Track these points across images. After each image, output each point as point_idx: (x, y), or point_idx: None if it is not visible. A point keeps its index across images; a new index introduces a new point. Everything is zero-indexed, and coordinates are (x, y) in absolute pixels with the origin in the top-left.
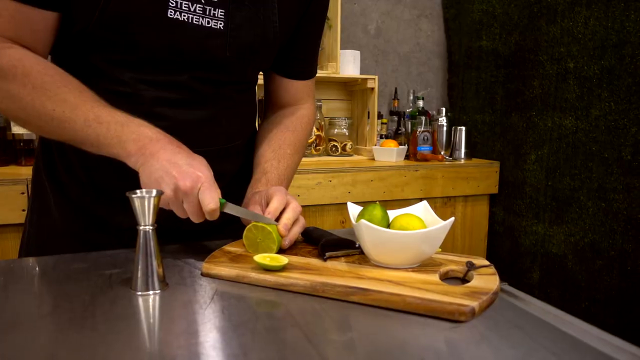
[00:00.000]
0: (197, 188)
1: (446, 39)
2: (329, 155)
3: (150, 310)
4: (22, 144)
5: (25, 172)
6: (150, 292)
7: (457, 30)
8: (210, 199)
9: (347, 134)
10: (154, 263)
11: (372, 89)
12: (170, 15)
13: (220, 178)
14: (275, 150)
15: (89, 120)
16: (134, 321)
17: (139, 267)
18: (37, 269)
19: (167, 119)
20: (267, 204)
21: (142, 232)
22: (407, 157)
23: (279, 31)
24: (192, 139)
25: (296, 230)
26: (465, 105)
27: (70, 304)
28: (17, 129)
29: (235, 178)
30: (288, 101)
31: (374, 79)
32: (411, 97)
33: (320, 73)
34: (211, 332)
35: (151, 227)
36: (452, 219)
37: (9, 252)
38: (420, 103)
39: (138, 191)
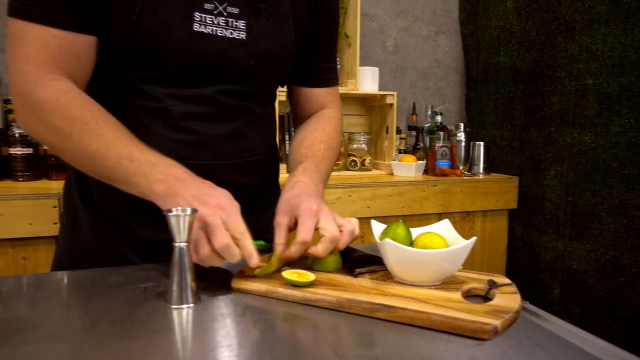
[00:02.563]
0: (218, 214)
1: (464, 54)
2: (348, 169)
3: (186, 323)
4: (53, 159)
5: (56, 186)
6: (185, 306)
7: (474, 46)
8: (237, 220)
9: (366, 148)
10: (188, 278)
11: (391, 104)
12: (196, 28)
13: (244, 190)
14: (309, 146)
15: (121, 158)
16: (172, 334)
17: (174, 281)
18: (75, 282)
19: (195, 132)
20: (295, 220)
21: (177, 248)
22: (425, 172)
23: (294, 40)
24: (218, 151)
25: (345, 240)
26: (483, 120)
27: (110, 317)
28: None
29: (258, 191)
30: (313, 110)
31: (393, 95)
32: (429, 112)
33: (339, 89)
34: (245, 346)
35: (186, 244)
36: (474, 238)
37: (43, 263)
38: (439, 118)
39: (174, 209)
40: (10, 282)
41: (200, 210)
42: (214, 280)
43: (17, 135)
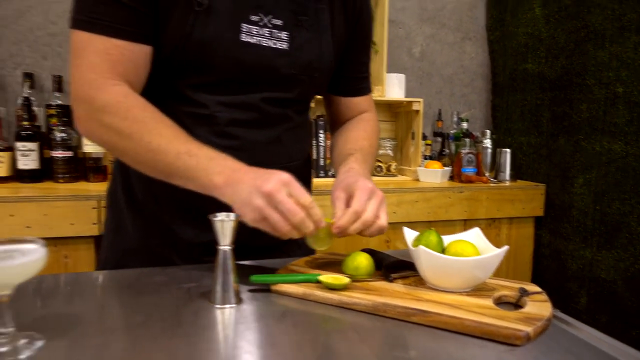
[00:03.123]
0: (283, 189)
1: (490, 61)
2: (374, 175)
3: (230, 322)
4: (91, 162)
5: (94, 188)
6: (227, 306)
7: (501, 53)
8: (302, 192)
9: (391, 154)
10: (231, 279)
11: (417, 111)
12: (243, 38)
13: None
14: (354, 142)
15: (181, 153)
16: (218, 331)
17: (218, 282)
18: (123, 281)
19: (238, 138)
20: (351, 197)
21: (221, 251)
22: (451, 178)
23: (333, 50)
24: (258, 157)
25: (371, 232)
26: (509, 127)
27: (160, 314)
28: (87, 148)
29: None
30: (352, 117)
31: (419, 101)
32: (455, 119)
33: None
34: (287, 346)
35: (229, 247)
36: (506, 247)
37: (84, 262)
38: (465, 125)
39: (219, 214)
40: (62, 279)
41: (264, 187)
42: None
43: (58, 138)
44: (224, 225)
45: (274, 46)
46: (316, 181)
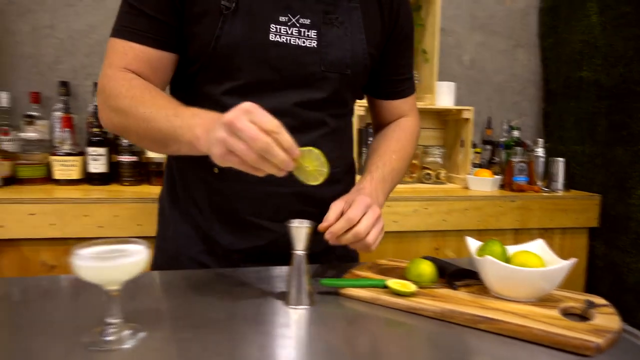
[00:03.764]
0: (244, 116)
1: (542, 68)
2: (422, 182)
3: (306, 323)
4: (154, 166)
5: (156, 190)
6: (301, 307)
7: (554, 60)
8: (266, 117)
9: (440, 162)
10: (305, 282)
11: (467, 119)
12: (271, 38)
13: (317, 203)
14: (381, 155)
15: (169, 116)
16: (296, 331)
17: (293, 285)
18: (197, 281)
19: None
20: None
21: (296, 255)
22: (501, 187)
23: (366, 48)
24: None
25: (376, 232)
26: (562, 135)
27: (242, 312)
28: (150, 153)
29: None
30: (390, 119)
31: (470, 110)
32: (505, 126)
33: (417, 104)
34: (362, 347)
35: (304, 252)
36: (574, 260)
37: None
38: (516, 133)
39: (295, 221)
40: (145, 278)
41: (224, 117)
42: (319, 285)
43: (124, 144)
44: (299, 231)
45: (303, 45)
46: None
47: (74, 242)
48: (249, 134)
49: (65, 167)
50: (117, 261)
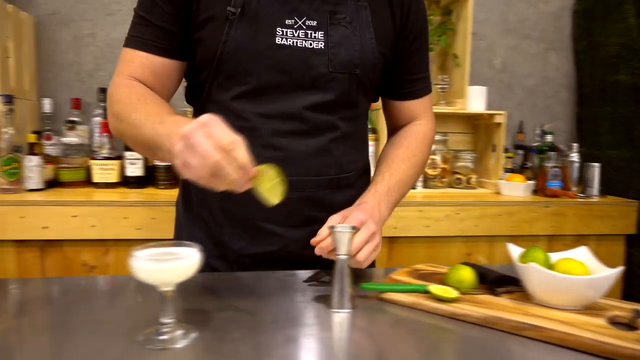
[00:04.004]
0: (200, 130)
1: (576, 71)
2: (453, 187)
3: (349, 326)
4: None
5: None
6: (344, 310)
7: (588, 63)
8: (223, 132)
9: (471, 167)
10: (347, 286)
11: (499, 123)
12: (278, 42)
13: (331, 208)
14: (388, 165)
15: (155, 123)
16: (344, 332)
17: (336, 288)
18: (238, 283)
19: (282, 149)
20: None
21: (339, 259)
22: (534, 192)
23: (376, 46)
24: (304, 168)
25: (368, 249)
26: (596, 140)
27: (285, 315)
28: None
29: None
30: (403, 121)
31: (502, 114)
32: (537, 131)
33: (448, 109)
34: (406, 351)
35: (346, 256)
36: (621, 268)
37: None
38: (549, 137)
39: (337, 226)
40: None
41: (183, 130)
42: (359, 289)
43: None
44: (342, 235)
45: (310, 46)
46: None
47: (113, 244)
48: (200, 151)
49: (103, 171)
50: (172, 263)
